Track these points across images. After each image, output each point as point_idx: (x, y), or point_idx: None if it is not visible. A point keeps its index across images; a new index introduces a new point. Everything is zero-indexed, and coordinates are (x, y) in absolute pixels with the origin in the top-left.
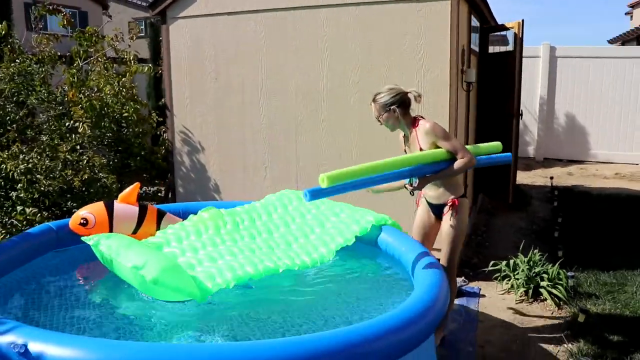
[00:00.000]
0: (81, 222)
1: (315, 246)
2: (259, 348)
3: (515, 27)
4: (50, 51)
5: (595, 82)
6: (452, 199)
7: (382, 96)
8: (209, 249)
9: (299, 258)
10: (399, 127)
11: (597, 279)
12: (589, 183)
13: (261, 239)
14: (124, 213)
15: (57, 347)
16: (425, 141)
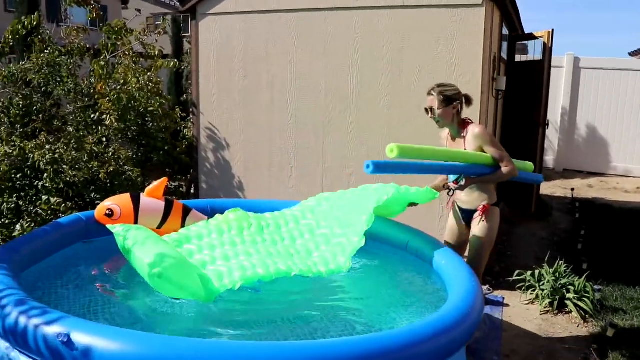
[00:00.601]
0: (107, 212)
1: (335, 254)
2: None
3: (545, 37)
4: (79, 43)
5: (618, 95)
6: (484, 205)
7: (447, 89)
8: (226, 247)
9: (316, 267)
10: (449, 125)
11: (623, 294)
12: (610, 196)
13: (282, 245)
14: (149, 207)
15: (101, 339)
16: (473, 144)
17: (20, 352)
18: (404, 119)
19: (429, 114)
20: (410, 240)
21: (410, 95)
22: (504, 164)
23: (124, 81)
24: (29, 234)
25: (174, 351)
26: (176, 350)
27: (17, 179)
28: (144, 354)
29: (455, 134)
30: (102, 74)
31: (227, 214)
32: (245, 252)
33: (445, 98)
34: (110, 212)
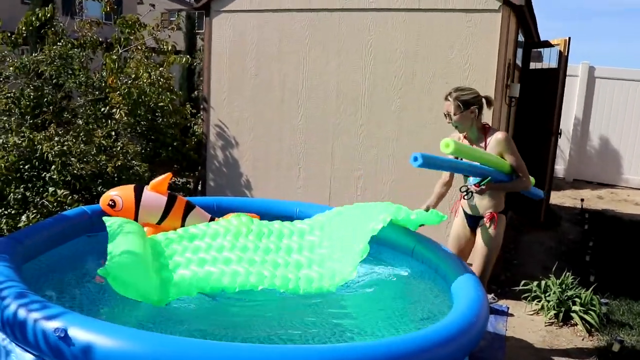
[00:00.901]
0: (109, 203)
1: (322, 277)
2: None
3: (561, 45)
4: (92, 36)
5: (633, 106)
6: (492, 212)
7: (464, 94)
8: (212, 252)
9: (293, 283)
10: (468, 129)
11: (630, 309)
12: (620, 208)
13: (275, 255)
14: (150, 202)
15: (98, 335)
16: (495, 150)
17: (17, 345)
18: (416, 122)
19: (447, 119)
20: (416, 246)
21: (423, 99)
22: (521, 174)
23: (135, 75)
24: (32, 226)
25: (172, 349)
26: (174, 348)
27: (25, 169)
28: (141, 351)
29: (474, 139)
30: (113, 67)
31: (231, 217)
32: (225, 260)
33: (462, 103)
34: (113, 203)
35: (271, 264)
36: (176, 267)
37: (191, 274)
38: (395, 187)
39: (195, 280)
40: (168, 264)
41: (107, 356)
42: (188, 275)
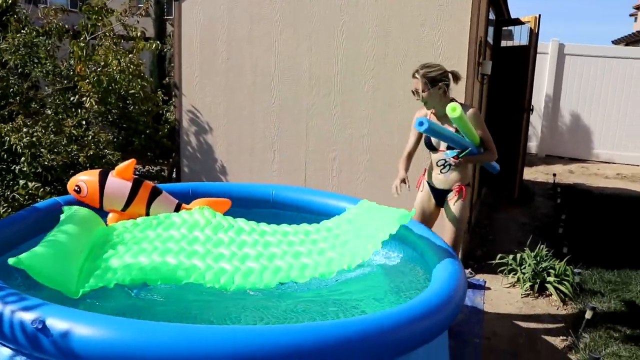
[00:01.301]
0: (75, 188)
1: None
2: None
3: (532, 22)
4: (58, 23)
5: (601, 82)
6: (460, 185)
7: (431, 70)
8: (156, 243)
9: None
10: (436, 105)
11: (601, 277)
12: (591, 182)
13: (211, 245)
14: (114, 188)
15: (75, 324)
16: None
17: None
18: (389, 102)
19: (416, 96)
20: None
21: (396, 78)
22: (489, 147)
23: (104, 63)
24: (4, 219)
25: (153, 336)
26: (154, 335)
27: None
28: (121, 339)
29: (442, 114)
30: (81, 55)
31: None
32: (162, 251)
33: (430, 80)
34: (78, 188)
35: (200, 258)
36: (111, 256)
37: (119, 265)
38: (370, 166)
39: (120, 270)
40: (105, 253)
41: (87, 345)
42: (115, 265)
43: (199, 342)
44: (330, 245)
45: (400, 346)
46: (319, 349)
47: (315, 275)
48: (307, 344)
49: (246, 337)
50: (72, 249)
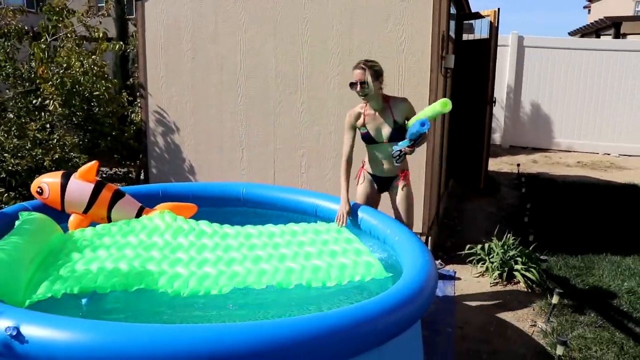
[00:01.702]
0: (37, 190)
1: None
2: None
3: (491, 16)
4: (17, 25)
5: (560, 73)
6: (405, 171)
7: (375, 64)
8: (112, 250)
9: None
10: (375, 98)
11: (566, 263)
12: (553, 171)
13: (168, 250)
14: (76, 190)
15: (49, 330)
16: (402, 114)
17: None
18: (355, 98)
19: (358, 87)
20: (363, 217)
21: None
22: None
23: (67, 65)
24: None
25: (128, 338)
26: (129, 336)
27: None
28: (97, 342)
29: (378, 108)
30: (43, 57)
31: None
32: (116, 258)
33: (375, 72)
34: (40, 190)
35: (156, 263)
36: (63, 265)
37: (69, 273)
38: (338, 162)
39: (69, 279)
40: (58, 262)
41: (63, 349)
42: (65, 274)
43: (179, 340)
44: (292, 253)
45: (376, 337)
46: (292, 343)
47: (272, 283)
48: (282, 339)
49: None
50: (20, 257)
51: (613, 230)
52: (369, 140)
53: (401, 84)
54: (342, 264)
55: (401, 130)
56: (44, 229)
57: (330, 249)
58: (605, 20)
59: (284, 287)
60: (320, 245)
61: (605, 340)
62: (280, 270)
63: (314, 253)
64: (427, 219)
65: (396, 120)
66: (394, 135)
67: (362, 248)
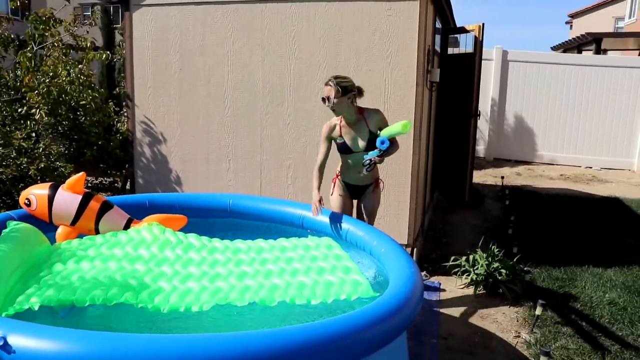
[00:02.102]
0: (25, 202)
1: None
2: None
3: (476, 30)
4: (3, 33)
5: (543, 87)
6: (376, 178)
7: (344, 81)
8: (95, 262)
9: (149, 293)
10: (344, 112)
11: (549, 275)
12: (537, 183)
13: (154, 263)
14: (63, 202)
15: (37, 340)
16: (376, 125)
17: None
18: None
19: (326, 102)
20: (349, 229)
21: None
22: (395, 140)
23: (53, 74)
24: None
25: (116, 348)
26: (118, 346)
27: None
28: (85, 352)
29: (352, 121)
30: (29, 66)
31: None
32: (99, 272)
33: (342, 88)
34: (28, 202)
35: (132, 277)
36: (43, 277)
37: (48, 286)
38: (325, 174)
39: (48, 291)
40: (40, 274)
41: (51, 359)
42: (44, 286)
43: (171, 350)
44: (279, 269)
45: (362, 348)
46: (277, 354)
47: (255, 300)
48: (266, 350)
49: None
50: (1, 267)
51: (595, 243)
52: (346, 150)
53: (387, 97)
54: (328, 282)
55: (376, 139)
56: (29, 240)
57: (319, 266)
58: (586, 36)
59: (266, 304)
60: (308, 261)
61: (588, 351)
62: (265, 286)
63: (301, 269)
64: (413, 231)
65: (371, 131)
66: (370, 145)
67: (351, 266)
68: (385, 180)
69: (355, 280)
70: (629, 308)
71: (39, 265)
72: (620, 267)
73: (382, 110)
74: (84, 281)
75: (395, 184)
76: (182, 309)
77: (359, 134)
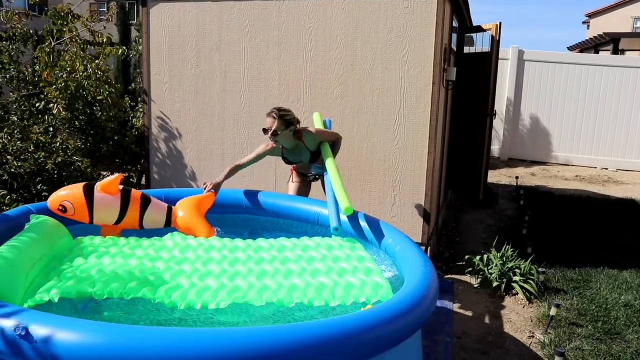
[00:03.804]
0: (59, 208)
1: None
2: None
3: (493, 29)
4: (22, 28)
5: (559, 87)
6: None
7: (287, 114)
8: (116, 258)
9: (166, 289)
10: (285, 142)
11: (564, 275)
12: (551, 184)
13: (173, 262)
14: (104, 202)
15: (58, 330)
16: (315, 143)
17: None
18: (357, 108)
19: (268, 133)
20: (365, 226)
21: (363, 84)
22: (336, 139)
23: (71, 69)
24: None
25: (137, 340)
26: (139, 339)
27: None
28: (105, 343)
29: (291, 145)
30: (47, 61)
31: (165, 237)
32: (122, 269)
33: (286, 121)
34: (63, 208)
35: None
36: (65, 270)
37: (68, 278)
38: (340, 170)
39: (67, 283)
40: (62, 267)
41: (71, 350)
42: (64, 278)
43: (187, 344)
44: (299, 269)
45: (378, 345)
46: (292, 350)
47: (272, 300)
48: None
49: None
50: (22, 260)
51: (610, 244)
52: (289, 162)
53: (403, 96)
54: (348, 283)
55: (317, 153)
56: (51, 233)
57: (340, 267)
58: (604, 36)
59: (284, 305)
60: (330, 261)
61: (603, 352)
62: (283, 286)
63: (322, 270)
64: (427, 230)
65: (310, 151)
66: (313, 158)
67: (373, 267)
68: (400, 179)
69: (375, 282)
70: None
71: (60, 259)
72: (636, 269)
73: (398, 109)
74: (103, 274)
75: (410, 182)
76: (198, 306)
77: (300, 153)
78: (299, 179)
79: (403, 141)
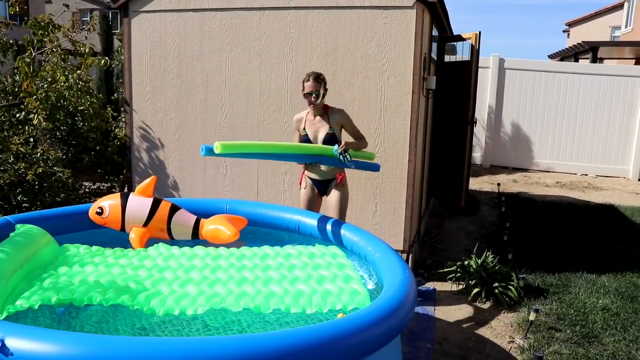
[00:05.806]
0: (97, 211)
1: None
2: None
3: (472, 38)
4: (2, 38)
5: (539, 95)
6: (340, 174)
7: (325, 78)
8: (99, 267)
9: (146, 296)
10: (319, 108)
11: (544, 281)
12: (533, 190)
13: (156, 270)
14: (135, 206)
15: (34, 342)
16: (337, 122)
17: None
18: None
19: (312, 97)
20: (345, 234)
21: (344, 93)
22: (362, 136)
23: (52, 79)
24: None
25: (116, 350)
26: (118, 349)
27: None
28: (83, 354)
29: (319, 113)
30: (28, 71)
31: (150, 248)
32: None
33: (325, 84)
34: (101, 210)
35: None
36: (47, 278)
37: (49, 285)
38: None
39: (48, 290)
40: (44, 275)
41: None
42: (45, 285)
43: (165, 353)
44: (279, 276)
45: (355, 352)
46: (270, 357)
47: (249, 306)
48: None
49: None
50: (2, 268)
51: (590, 249)
52: (307, 142)
53: (383, 104)
54: (326, 291)
55: (334, 136)
56: (35, 241)
57: (320, 274)
58: (583, 45)
59: (261, 311)
60: (310, 269)
61: (581, 356)
62: (262, 293)
63: (302, 277)
64: (408, 237)
65: (331, 126)
66: (328, 139)
67: (353, 275)
68: (381, 187)
69: (353, 289)
70: (621, 314)
71: (44, 267)
72: (614, 274)
73: (378, 117)
74: (84, 282)
75: (391, 190)
76: (176, 312)
77: (320, 127)
78: (309, 188)
79: (384, 150)
